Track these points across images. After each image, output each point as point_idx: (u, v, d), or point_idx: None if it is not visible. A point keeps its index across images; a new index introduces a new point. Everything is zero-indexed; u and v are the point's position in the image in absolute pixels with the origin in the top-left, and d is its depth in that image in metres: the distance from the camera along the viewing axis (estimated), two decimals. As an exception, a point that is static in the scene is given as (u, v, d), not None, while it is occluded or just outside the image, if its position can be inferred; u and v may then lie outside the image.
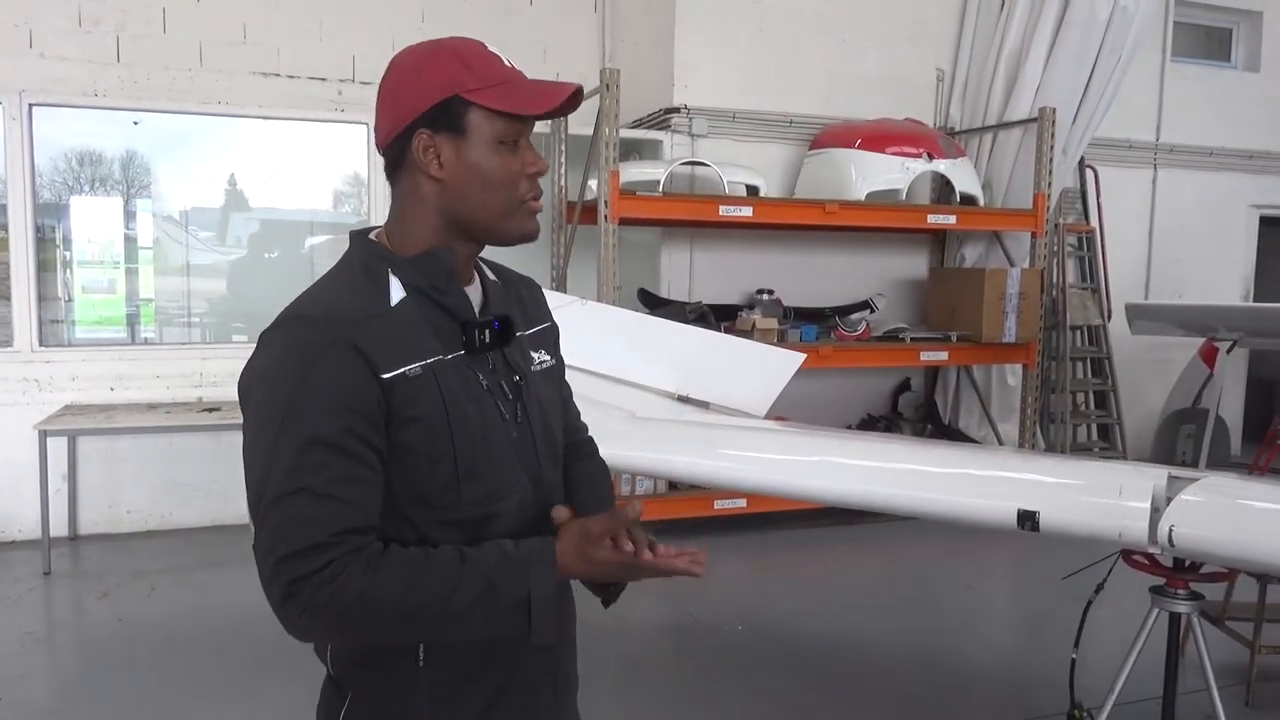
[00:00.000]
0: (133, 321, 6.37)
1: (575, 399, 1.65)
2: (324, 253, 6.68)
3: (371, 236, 1.37)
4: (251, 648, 4.16)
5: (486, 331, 1.35)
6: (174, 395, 6.02)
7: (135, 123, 6.14)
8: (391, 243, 1.35)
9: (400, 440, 1.25)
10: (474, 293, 1.40)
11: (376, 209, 6.42)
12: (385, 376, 1.23)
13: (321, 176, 6.63)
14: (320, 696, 1.43)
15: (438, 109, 1.28)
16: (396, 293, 1.30)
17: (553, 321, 1.56)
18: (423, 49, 1.33)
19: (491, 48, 1.33)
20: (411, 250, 1.33)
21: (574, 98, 1.34)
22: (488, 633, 1.27)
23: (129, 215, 6.33)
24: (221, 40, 6.11)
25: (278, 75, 6.22)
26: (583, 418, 1.68)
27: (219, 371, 6.08)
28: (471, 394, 1.31)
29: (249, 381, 1.26)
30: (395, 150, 1.33)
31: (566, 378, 1.61)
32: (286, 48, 6.22)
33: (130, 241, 6.35)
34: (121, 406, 5.80)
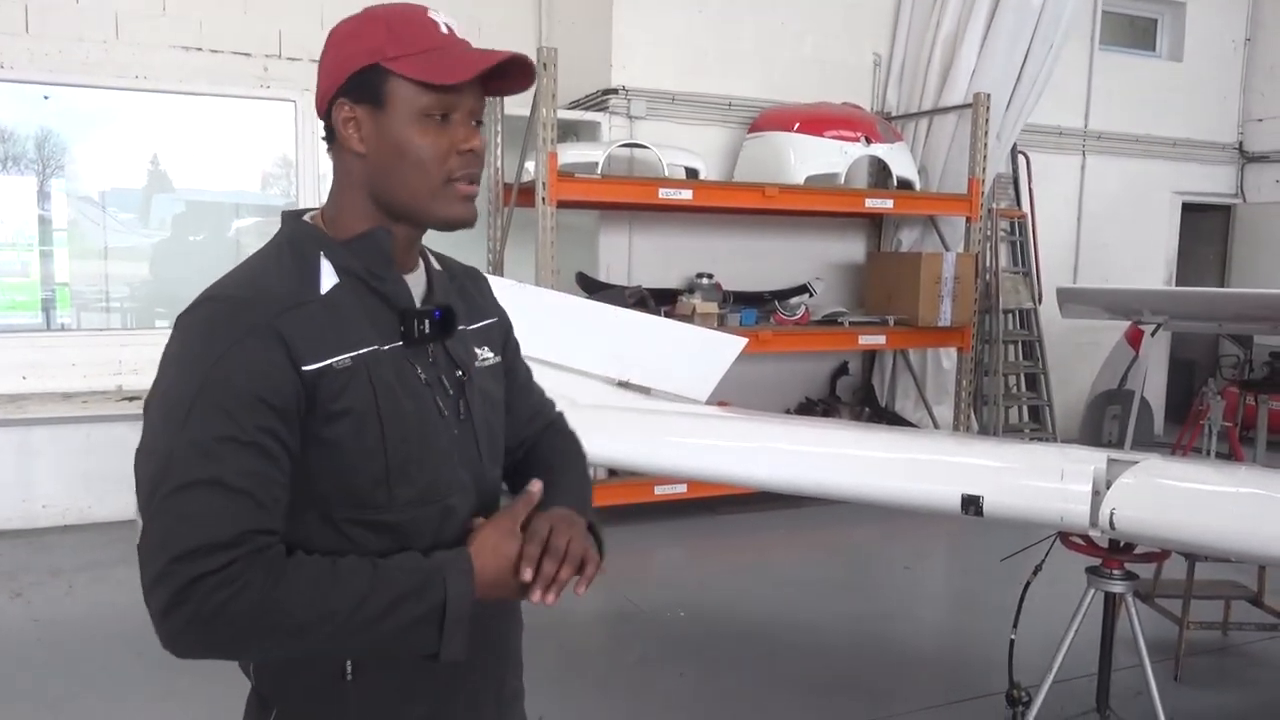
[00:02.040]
0: (47, 307, 6.09)
1: None
2: (251, 235, 6.46)
3: (306, 218, 1.29)
4: (177, 646, 4.01)
5: (426, 322, 1.26)
6: (91, 384, 5.77)
7: (45, 97, 5.85)
8: (326, 224, 1.27)
9: (326, 435, 1.17)
10: (417, 281, 1.31)
11: (305, 190, 6.22)
12: (307, 369, 1.15)
13: (248, 156, 6.41)
14: (245, 711, 1.34)
15: (356, 78, 1.21)
16: (328, 278, 1.22)
17: (501, 316, 1.48)
18: (356, 16, 1.25)
19: (434, 14, 1.24)
20: (346, 233, 1.25)
21: (515, 70, 1.25)
22: (396, 647, 1.16)
23: (43, 196, 6.03)
24: (139, 11, 5.84)
25: (199, 49, 5.97)
26: None
27: (140, 359, 5.84)
28: (408, 388, 1.24)
29: (161, 366, 1.17)
30: (326, 123, 1.26)
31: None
32: (209, 20, 5.97)
33: (44, 223, 6.07)
34: (34, 396, 5.55)
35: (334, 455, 1.18)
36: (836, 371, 7.44)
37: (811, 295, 6.70)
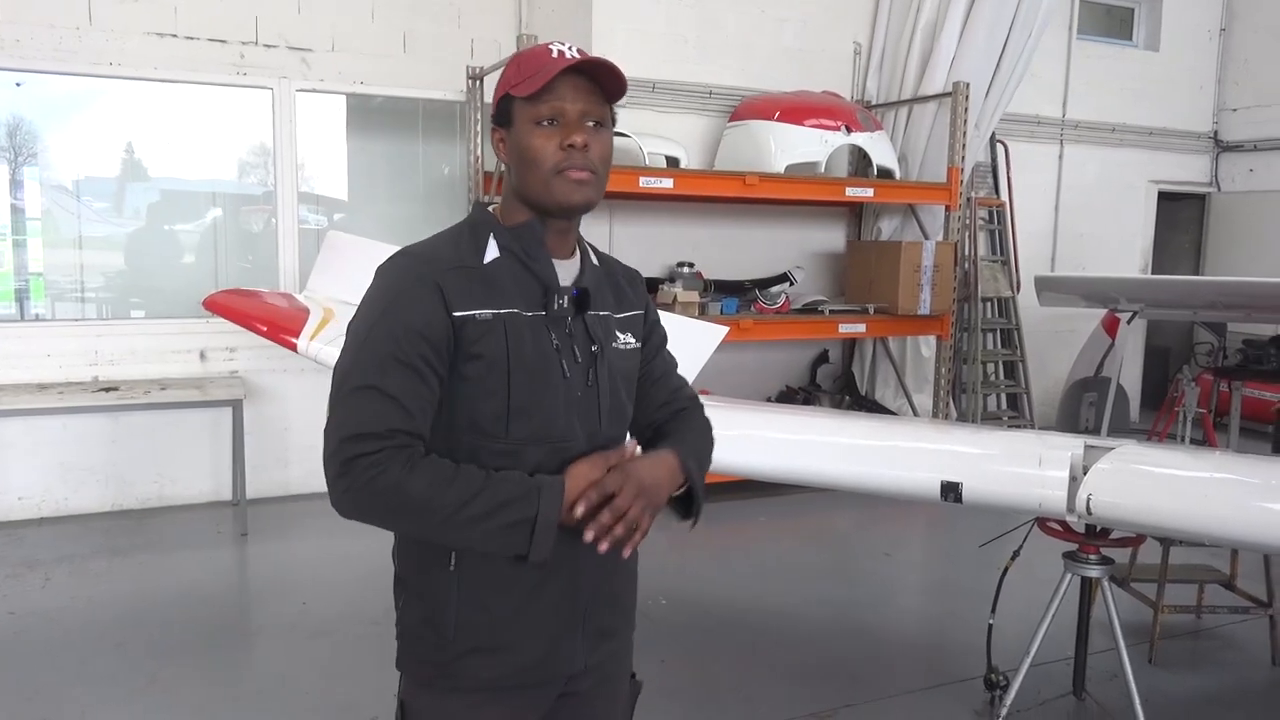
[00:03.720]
0: (21, 297, 6.01)
1: None
2: (229, 225, 6.40)
3: (490, 208, 1.61)
4: (153, 638, 3.99)
5: (565, 297, 1.55)
6: (67, 374, 5.70)
7: (17, 84, 5.76)
8: (500, 216, 1.60)
9: (464, 371, 1.48)
10: (570, 266, 1.60)
11: (283, 179, 6.17)
12: (457, 314, 1.47)
13: (224, 144, 6.33)
14: (394, 593, 1.66)
15: (498, 109, 1.56)
16: (492, 253, 1.54)
17: (647, 310, 1.75)
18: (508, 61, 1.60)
19: (554, 45, 1.51)
20: (511, 222, 1.57)
21: (605, 73, 1.50)
22: (494, 544, 1.45)
23: (16, 184, 5.95)
24: (112, -3, 5.75)
25: (174, 36, 5.89)
26: None
27: (116, 349, 5.78)
28: (539, 347, 1.52)
29: (363, 297, 1.52)
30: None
31: None
32: (184, 6, 5.89)
33: (17, 212, 5.98)
34: (9, 387, 5.47)
35: (469, 389, 1.49)
36: (817, 360, 7.47)
37: (792, 284, 6.72)
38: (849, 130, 6.48)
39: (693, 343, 3.81)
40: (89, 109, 6.06)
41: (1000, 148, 8.14)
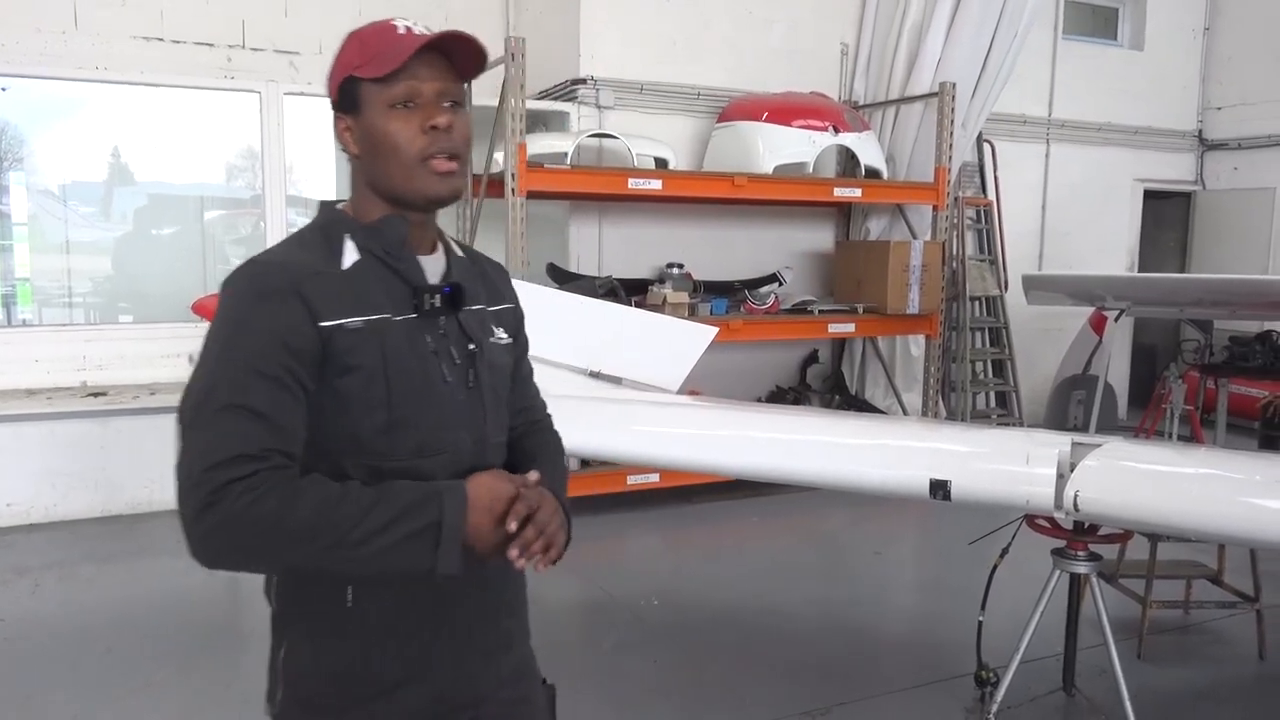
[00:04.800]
0: (8, 302, 5.99)
1: None
2: (218, 229, 6.38)
3: (339, 206, 1.47)
4: (143, 644, 3.97)
5: (436, 296, 1.42)
6: (55, 380, 5.68)
7: (3, 89, 5.74)
8: (354, 213, 1.45)
9: (338, 386, 1.34)
10: (435, 262, 1.48)
11: (271, 182, 6.15)
12: (324, 324, 1.32)
13: (212, 148, 6.32)
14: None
15: (340, 93, 1.41)
16: (350, 256, 1.40)
17: (518, 306, 1.64)
18: (343, 40, 1.44)
19: (399, 21, 1.39)
20: (367, 219, 1.43)
21: (463, 49, 1.38)
22: (395, 562, 1.28)
23: (1, 189, 5.93)
24: (98, 1, 5.74)
25: (161, 40, 5.88)
26: None
27: (105, 354, 5.76)
28: (417, 352, 1.40)
29: (214, 316, 1.37)
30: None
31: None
32: (170, 10, 5.88)
33: (3, 217, 5.96)
34: (-3, 393, 5.46)
35: (344, 404, 1.35)
36: (807, 359, 7.49)
37: (781, 284, 6.74)
38: (837, 131, 6.51)
39: (682, 344, 3.82)
40: (75, 113, 6.04)
41: (987, 147, 8.18)
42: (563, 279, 6.17)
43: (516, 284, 1.73)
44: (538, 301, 3.99)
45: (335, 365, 1.33)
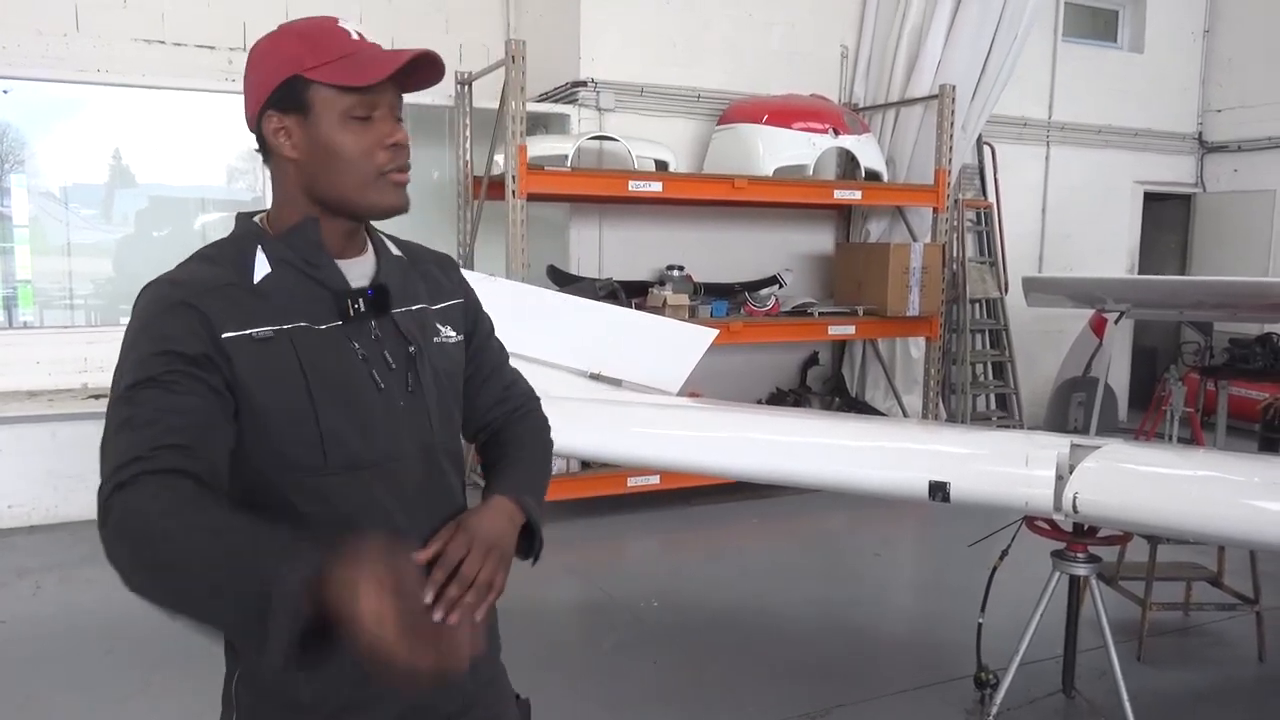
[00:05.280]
0: (9, 305, 6.00)
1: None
2: (217, 230, 6.39)
3: (255, 219, 1.40)
4: (144, 646, 3.97)
5: (359, 300, 1.35)
6: (57, 382, 5.69)
7: (5, 91, 5.75)
8: (270, 223, 1.38)
9: (256, 403, 1.26)
10: (364, 264, 1.41)
11: (270, 185, 6.17)
12: (226, 336, 1.25)
13: (212, 150, 6.33)
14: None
15: (281, 90, 1.31)
16: (262, 268, 1.32)
17: (469, 298, 1.56)
18: (271, 33, 1.36)
19: (344, 23, 1.34)
20: (284, 226, 1.36)
21: (425, 66, 1.32)
22: (225, 623, 1.09)
23: (3, 192, 5.93)
24: (99, 4, 5.75)
25: (162, 42, 5.90)
26: None
27: (106, 356, 5.76)
28: (344, 362, 1.33)
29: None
30: (258, 135, 1.37)
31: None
32: (171, 13, 5.90)
33: (4, 219, 5.97)
34: (-2, 394, 5.47)
35: (266, 422, 1.27)
36: (807, 362, 7.49)
37: (781, 286, 6.74)
38: (837, 133, 6.51)
39: (682, 346, 3.83)
40: (77, 115, 6.05)
41: (987, 149, 8.18)
42: (563, 281, 6.17)
43: (514, 285, 1.71)
44: (538, 304, 4.01)
45: (250, 379, 1.25)
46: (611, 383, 3.62)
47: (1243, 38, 9.17)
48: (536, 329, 3.71)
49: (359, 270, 1.39)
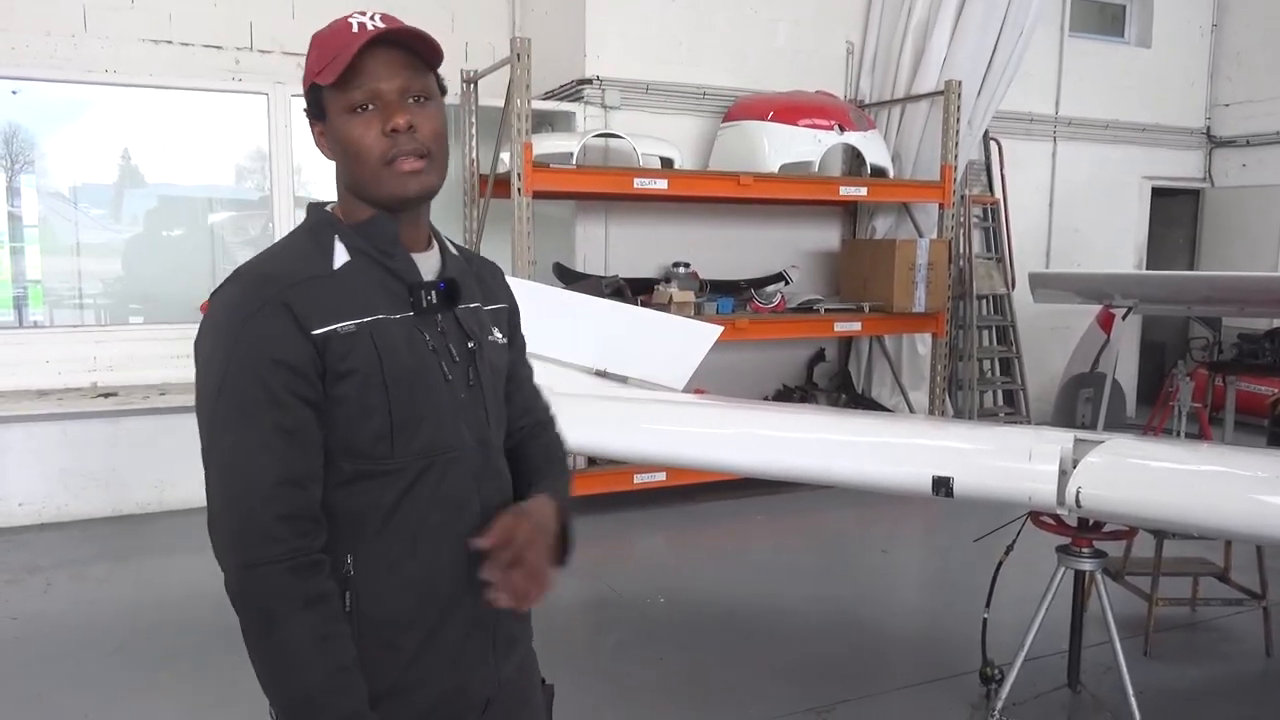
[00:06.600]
0: (19, 304, 6.03)
1: None
2: (226, 230, 6.42)
3: (327, 208, 1.44)
4: (155, 643, 4.01)
5: (432, 293, 1.40)
6: (66, 381, 5.72)
7: (14, 92, 5.78)
8: (342, 215, 1.43)
9: (336, 393, 1.31)
10: (430, 259, 1.45)
11: (279, 184, 6.19)
12: (316, 333, 1.29)
13: (221, 150, 6.36)
14: None
15: (310, 100, 1.38)
16: (341, 257, 1.37)
17: (512, 304, 1.62)
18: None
19: (354, 17, 1.34)
20: (354, 220, 1.40)
21: (413, 41, 1.33)
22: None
23: (12, 192, 5.97)
24: (108, 4, 5.78)
25: (170, 42, 5.93)
26: None
27: (116, 355, 5.80)
28: (415, 352, 1.37)
29: (199, 336, 1.34)
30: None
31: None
32: (179, 13, 5.93)
33: (14, 219, 6.00)
34: (8, 393, 5.50)
35: (343, 411, 1.32)
36: (813, 358, 7.49)
37: (787, 283, 6.74)
38: (842, 129, 6.51)
39: (687, 342, 3.84)
40: (85, 116, 6.09)
41: (993, 145, 8.16)
42: (569, 278, 6.19)
43: (520, 283, 1.74)
44: (544, 301, 4.02)
45: (332, 373, 1.30)
46: (618, 379, 3.63)
47: (1251, 32, 9.13)
48: (542, 326, 3.71)
49: (427, 265, 1.44)
